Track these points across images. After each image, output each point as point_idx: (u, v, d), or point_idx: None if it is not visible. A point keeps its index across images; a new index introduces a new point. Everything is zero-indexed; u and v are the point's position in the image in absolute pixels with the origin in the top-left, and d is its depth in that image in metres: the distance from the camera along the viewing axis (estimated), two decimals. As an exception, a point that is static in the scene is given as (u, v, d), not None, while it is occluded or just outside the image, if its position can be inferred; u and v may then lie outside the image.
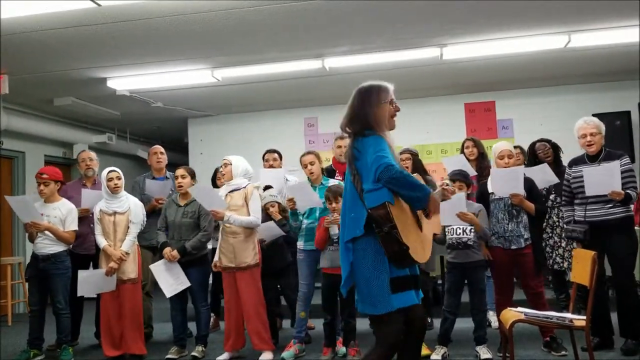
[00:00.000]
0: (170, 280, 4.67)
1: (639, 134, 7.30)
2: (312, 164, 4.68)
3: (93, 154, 5.55)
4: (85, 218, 5.08)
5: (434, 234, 2.92)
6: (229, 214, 4.52)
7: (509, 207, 4.26)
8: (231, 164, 4.68)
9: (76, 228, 4.85)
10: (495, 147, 4.46)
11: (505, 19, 5.21)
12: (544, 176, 4.74)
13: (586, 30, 5.53)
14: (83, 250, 5.16)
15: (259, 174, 5.18)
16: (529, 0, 4.71)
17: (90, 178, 5.45)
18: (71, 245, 4.90)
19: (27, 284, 5.02)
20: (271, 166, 5.48)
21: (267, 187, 5.11)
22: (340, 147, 5.43)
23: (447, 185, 3.13)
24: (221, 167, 4.81)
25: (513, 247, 4.22)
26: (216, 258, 4.70)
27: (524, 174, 4.29)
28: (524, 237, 4.22)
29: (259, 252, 4.67)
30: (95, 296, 4.88)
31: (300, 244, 4.72)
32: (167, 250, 4.65)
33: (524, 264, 4.23)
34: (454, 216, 4.09)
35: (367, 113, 2.78)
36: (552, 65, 6.76)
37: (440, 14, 5.02)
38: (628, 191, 4.05)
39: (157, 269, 4.70)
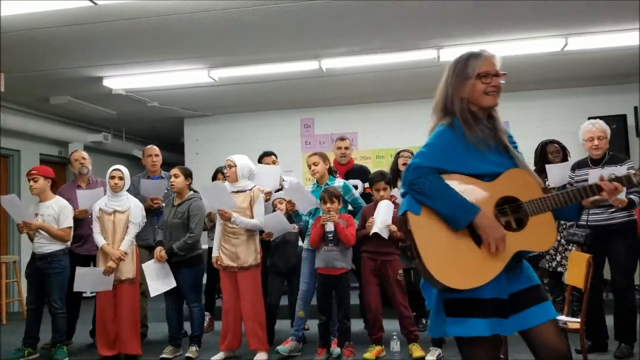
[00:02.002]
0: (158, 279, 4.67)
1: (635, 137, 7.33)
2: (315, 164, 4.71)
3: (85, 154, 5.53)
4: (85, 219, 5.07)
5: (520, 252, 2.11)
6: (236, 216, 4.50)
7: None
8: (236, 166, 4.65)
9: (71, 225, 4.84)
10: None
11: (502, 21, 5.22)
12: (562, 175, 4.67)
13: (583, 34, 5.55)
14: (84, 251, 5.16)
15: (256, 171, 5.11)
16: (526, 1, 4.72)
17: (84, 177, 5.43)
18: (69, 243, 4.89)
19: (26, 282, 4.99)
20: None
21: (278, 190, 5.07)
22: (340, 148, 5.41)
23: None
24: (225, 168, 4.77)
25: None
26: (215, 254, 4.68)
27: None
28: None
29: (260, 252, 4.67)
30: (90, 294, 4.86)
31: (304, 244, 4.78)
32: (157, 250, 4.68)
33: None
34: None
35: (446, 95, 2.23)
36: (549, 68, 6.77)
37: (438, 16, 5.02)
38: (631, 196, 4.02)
39: (147, 267, 4.71)
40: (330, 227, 4.31)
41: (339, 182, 4.78)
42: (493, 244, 2.00)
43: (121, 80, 6.58)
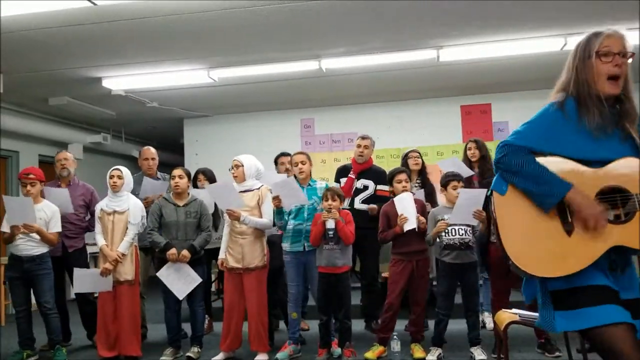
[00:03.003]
0: (180, 281, 4.62)
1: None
2: (303, 163, 4.70)
3: (70, 155, 5.43)
4: None
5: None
6: (244, 215, 4.49)
7: None
8: (243, 166, 4.64)
9: (60, 230, 4.83)
10: None
11: (502, 21, 5.22)
12: None
13: (583, 34, 5.49)
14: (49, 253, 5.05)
15: (268, 178, 5.07)
16: (526, 1, 4.71)
17: (64, 179, 5.34)
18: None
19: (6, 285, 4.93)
20: (287, 169, 5.41)
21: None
22: (359, 146, 5.39)
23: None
24: (231, 168, 4.75)
25: None
26: (222, 256, 4.65)
27: None
28: None
29: (267, 253, 4.66)
30: (74, 297, 4.83)
31: (285, 246, 4.69)
32: (174, 251, 4.57)
33: None
34: (469, 213, 4.04)
35: (568, 76, 2.10)
36: (548, 68, 6.66)
37: (437, 16, 5.02)
38: None
39: (165, 273, 4.62)
40: (331, 224, 4.30)
41: (320, 183, 4.78)
42: (591, 219, 1.86)
43: (120, 80, 6.57)
